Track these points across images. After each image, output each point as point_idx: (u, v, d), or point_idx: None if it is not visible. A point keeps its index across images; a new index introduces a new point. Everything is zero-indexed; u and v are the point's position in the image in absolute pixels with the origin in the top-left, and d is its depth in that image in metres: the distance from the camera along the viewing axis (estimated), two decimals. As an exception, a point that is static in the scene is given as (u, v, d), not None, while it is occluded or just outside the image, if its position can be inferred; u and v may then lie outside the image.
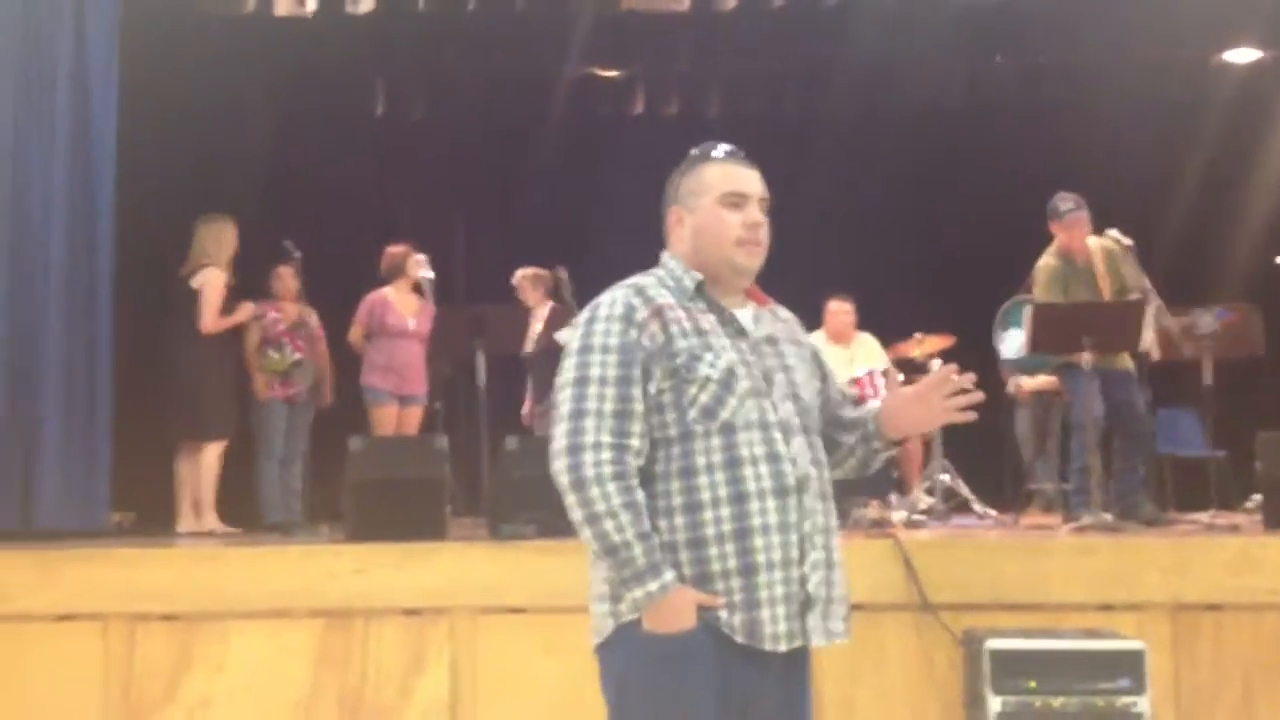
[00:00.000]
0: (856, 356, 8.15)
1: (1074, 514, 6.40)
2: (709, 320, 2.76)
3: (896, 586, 5.15)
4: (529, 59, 9.78)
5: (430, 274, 7.43)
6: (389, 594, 5.15)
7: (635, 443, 2.62)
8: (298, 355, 7.46)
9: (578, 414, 2.60)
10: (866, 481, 6.82)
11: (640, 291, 2.75)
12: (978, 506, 7.54)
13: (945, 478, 7.62)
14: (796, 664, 2.74)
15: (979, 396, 2.90)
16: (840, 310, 8.34)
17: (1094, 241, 6.79)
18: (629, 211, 9.96)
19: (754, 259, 2.84)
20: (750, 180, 2.89)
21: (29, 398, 6.59)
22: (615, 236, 9.78)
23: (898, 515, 6.78)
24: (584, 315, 2.72)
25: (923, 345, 8.05)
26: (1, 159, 6.66)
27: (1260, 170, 9.78)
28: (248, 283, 7.54)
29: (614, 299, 2.72)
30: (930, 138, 9.81)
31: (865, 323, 8.49)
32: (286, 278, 7.65)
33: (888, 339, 8.33)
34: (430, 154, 10.25)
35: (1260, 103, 9.56)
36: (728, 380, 2.67)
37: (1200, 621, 5.13)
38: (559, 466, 2.60)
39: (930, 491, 7.65)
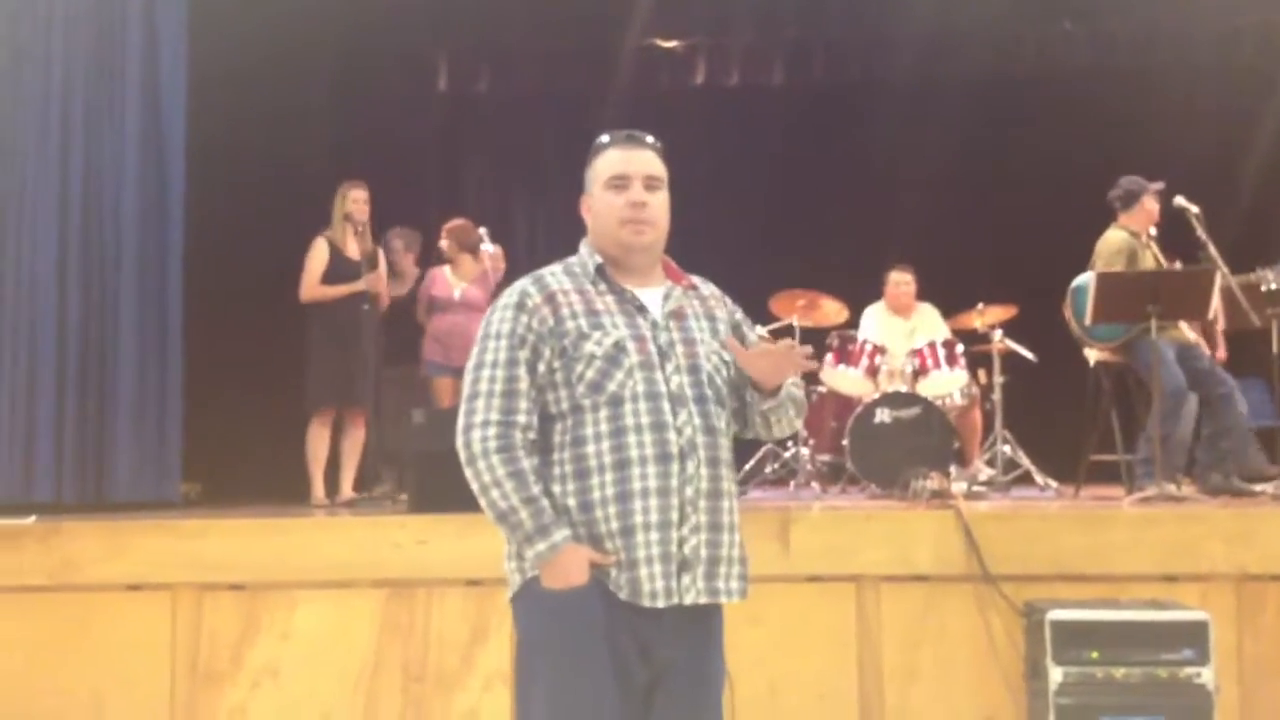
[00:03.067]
0: (918, 328, 8.11)
1: (1139, 485, 6.33)
2: (606, 300, 2.95)
3: (957, 558, 5.13)
4: (590, 30, 9.79)
5: (491, 247, 7.46)
6: (451, 564, 5.20)
7: (521, 419, 2.85)
8: None
9: (472, 396, 2.86)
10: (927, 453, 6.82)
11: (538, 280, 2.98)
12: (1039, 478, 7.48)
13: (1006, 448, 7.58)
14: (701, 618, 2.95)
15: (812, 366, 3.05)
16: (901, 281, 8.28)
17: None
18: (687, 182, 10.04)
19: (640, 236, 3.01)
20: (634, 161, 3.05)
21: (103, 374, 6.71)
22: (674, 207, 9.83)
23: (958, 487, 6.74)
24: (501, 300, 2.95)
25: (984, 315, 7.98)
26: (74, 136, 6.78)
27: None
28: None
29: (512, 289, 2.95)
30: (996, 105, 9.70)
31: (926, 292, 8.43)
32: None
33: (949, 309, 8.27)
34: (493, 126, 10.29)
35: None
36: (615, 355, 2.86)
37: (1265, 592, 5.08)
38: (457, 445, 2.85)
39: (991, 463, 7.61)
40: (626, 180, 3.02)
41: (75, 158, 6.77)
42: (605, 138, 3.11)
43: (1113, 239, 6.77)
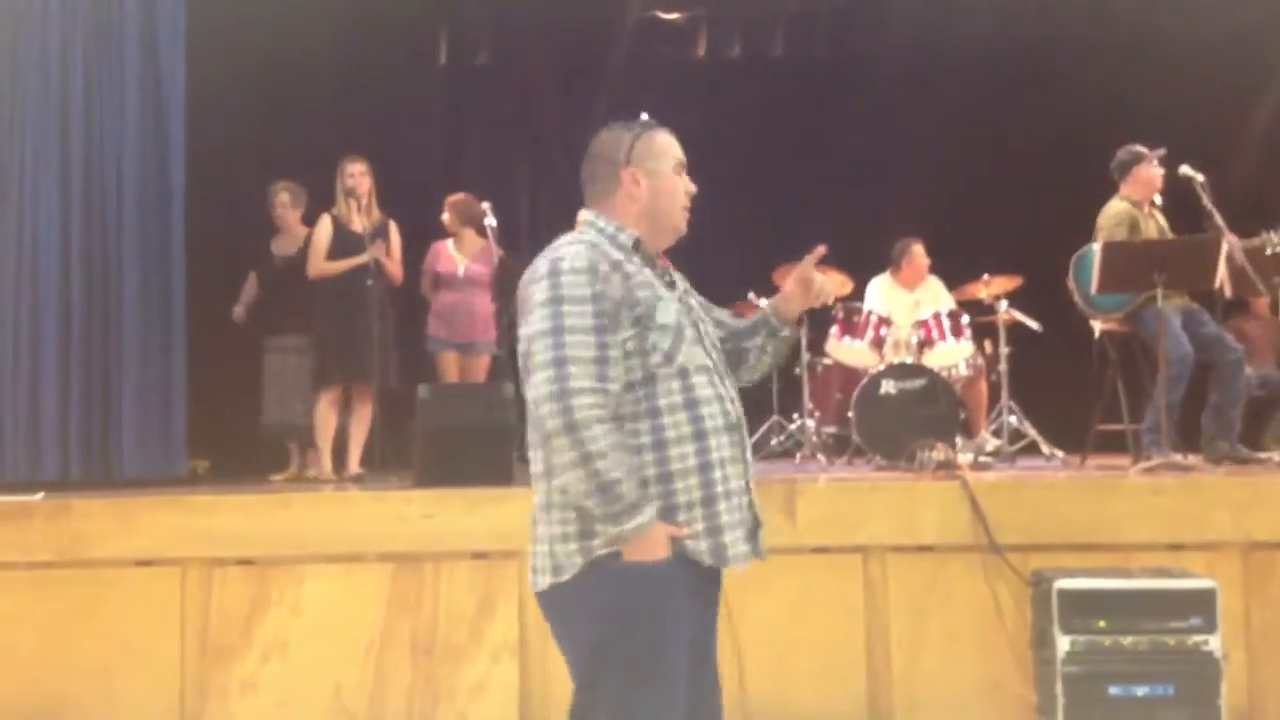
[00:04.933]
0: (923, 299, 8.09)
1: (1146, 450, 6.34)
2: (646, 274, 2.92)
3: (963, 528, 5.15)
4: (591, 3, 9.76)
5: (493, 221, 7.44)
6: (458, 538, 5.22)
7: (614, 387, 2.77)
8: None
9: (560, 361, 2.70)
10: (933, 424, 6.83)
11: (593, 248, 2.86)
12: (1045, 447, 7.49)
13: (1012, 419, 7.59)
14: (720, 584, 3.06)
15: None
16: (921, 252, 8.26)
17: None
18: (690, 155, 10.02)
19: (686, 223, 3.13)
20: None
21: (107, 350, 6.72)
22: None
23: (964, 457, 6.75)
24: (543, 268, 2.80)
25: (990, 286, 7.97)
26: (75, 113, 6.77)
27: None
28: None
29: (575, 253, 2.81)
30: (1000, 75, 9.67)
31: (932, 264, 8.42)
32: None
33: (955, 280, 8.26)
34: (494, 100, 10.26)
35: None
36: (680, 327, 2.87)
37: (1273, 560, 5.09)
38: (549, 410, 2.69)
39: (997, 433, 7.61)
40: (684, 167, 3.10)
41: (75, 131, 6.77)
42: (649, 118, 3.14)
43: (1113, 209, 6.77)
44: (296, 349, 7.49)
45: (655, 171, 3.03)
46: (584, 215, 3.02)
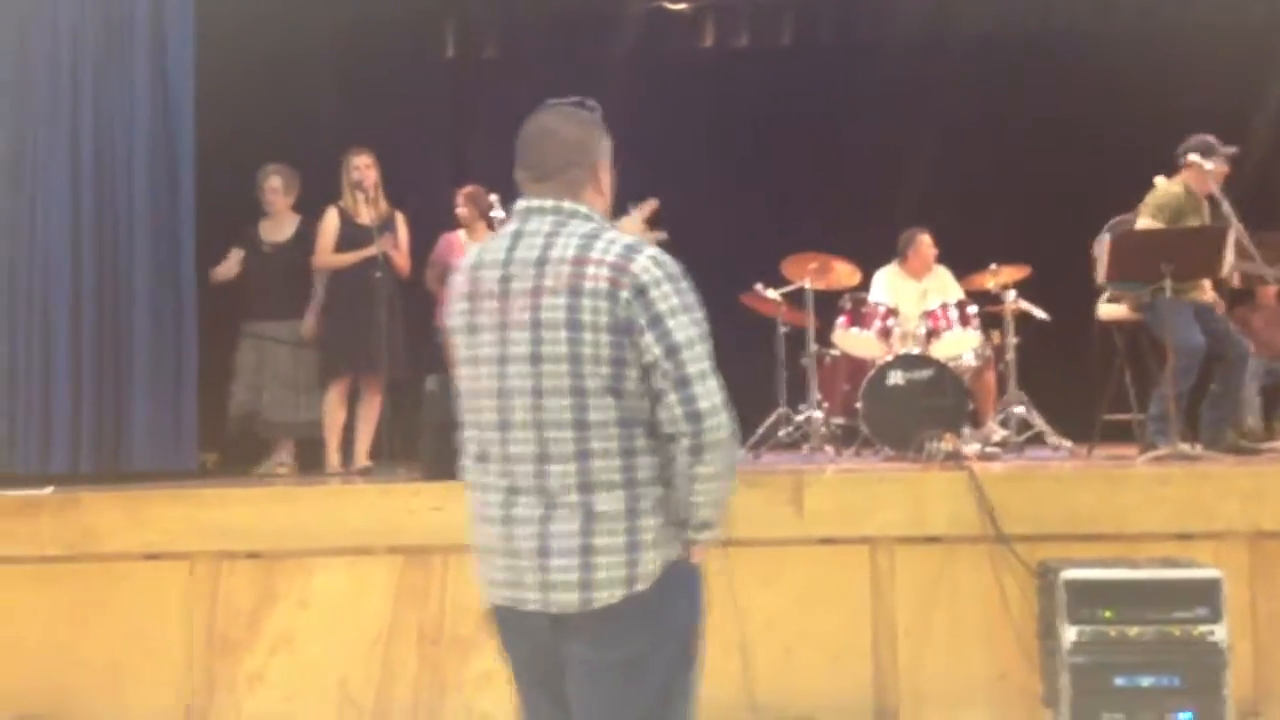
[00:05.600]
0: (930, 289, 8.08)
1: (1151, 440, 6.33)
2: None
3: (971, 519, 5.15)
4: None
5: (502, 214, 7.44)
6: (466, 530, 5.22)
7: None
8: None
9: (707, 374, 2.59)
10: (940, 415, 6.82)
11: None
12: (1052, 438, 7.48)
13: (1020, 409, 7.57)
14: None
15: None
16: (927, 242, 8.25)
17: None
18: (698, 145, 10.04)
19: None
20: None
21: (118, 341, 6.73)
22: (685, 170, 9.81)
23: (971, 448, 6.75)
24: (658, 271, 2.59)
25: (998, 276, 7.94)
26: (85, 108, 6.77)
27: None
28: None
29: (665, 258, 2.65)
30: (1007, 65, 9.65)
31: (939, 254, 8.41)
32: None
33: (962, 270, 8.24)
34: (501, 93, 10.25)
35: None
36: None
37: (1279, 550, 5.09)
38: (720, 422, 2.58)
39: (1004, 423, 7.60)
40: None
41: (85, 126, 6.74)
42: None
43: (1164, 191, 6.63)
44: (275, 337, 7.38)
45: (609, 167, 2.86)
46: (579, 208, 2.74)
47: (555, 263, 2.59)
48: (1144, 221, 6.58)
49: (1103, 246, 6.64)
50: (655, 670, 2.65)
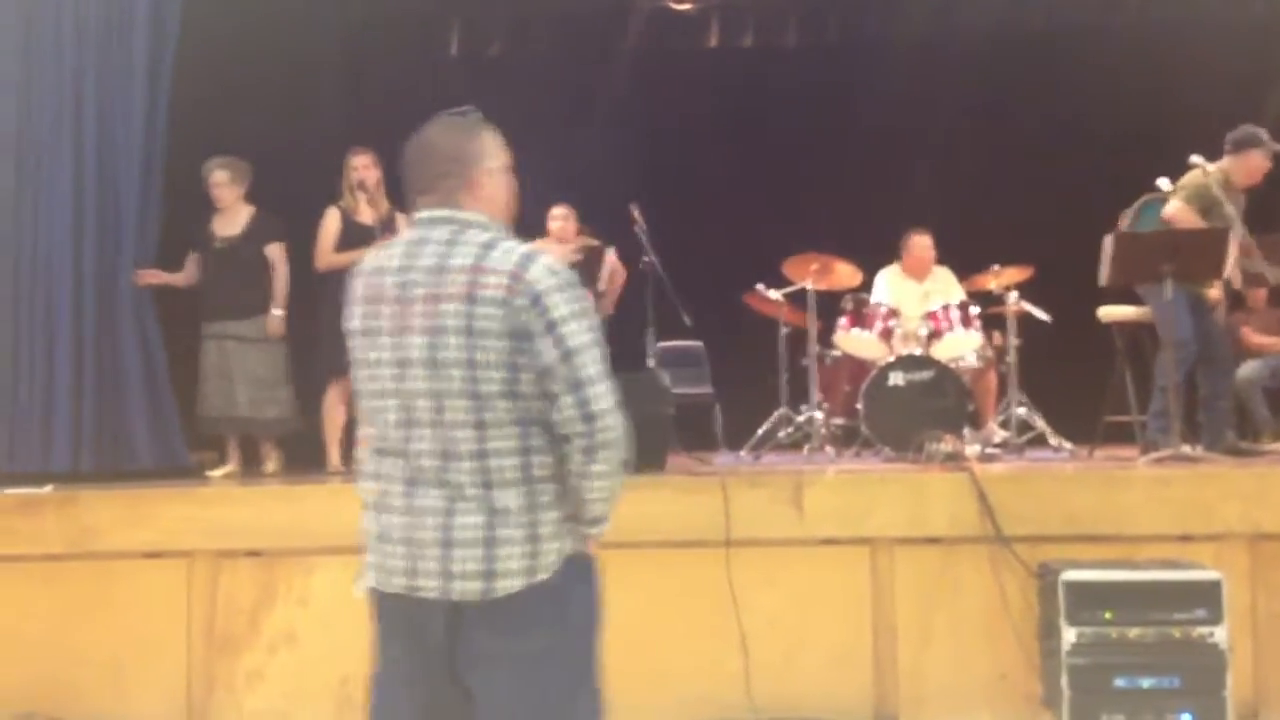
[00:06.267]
0: (932, 290, 8.08)
1: (1153, 440, 6.32)
2: None
3: (971, 520, 5.16)
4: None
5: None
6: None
7: None
8: None
9: (602, 377, 2.70)
10: (941, 416, 6.82)
11: None
12: (1053, 439, 7.48)
13: (1021, 410, 7.57)
14: None
15: None
16: (922, 243, 8.23)
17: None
18: (701, 145, 10.04)
19: None
20: None
21: (113, 341, 6.73)
22: (688, 169, 9.81)
23: (972, 449, 6.74)
24: (551, 279, 2.66)
25: (1000, 277, 7.94)
26: (87, 108, 6.79)
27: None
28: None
29: (561, 268, 2.72)
30: (1011, 65, 9.62)
31: (941, 254, 8.39)
32: (561, 219, 7.71)
33: (964, 271, 8.24)
34: (507, 92, 10.26)
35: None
36: None
37: (1280, 552, 5.09)
38: (612, 423, 2.71)
39: (1005, 425, 7.60)
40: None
41: (88, 128, 6.77)
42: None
43: (1203, 177, 6.49)
44: (237, 335, 7.07)
45: (500, 169, 2.93)
46: (474, 217, 2.79)
47: (453, 270, 2.67)
48: (1174, 204, 6.46)
49: (1140, 222, 6.60)
50: (559, 660, 2.73)
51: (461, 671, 2.71)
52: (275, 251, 7.15)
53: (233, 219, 7.20)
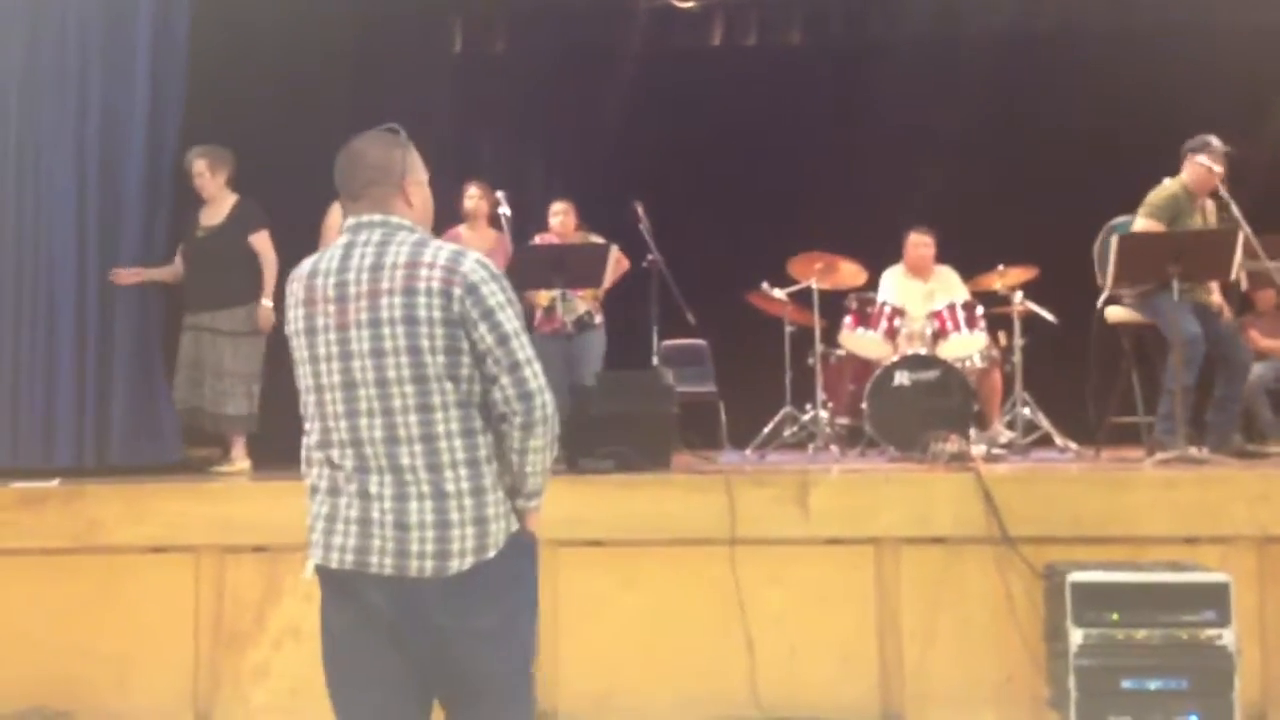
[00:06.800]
0: (936, 290, 8.06)
1: (1159, 440, 6.32)
2: None
3: (976, 520, 5.15)
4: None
5: (508, 210, 7.43)
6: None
7: None
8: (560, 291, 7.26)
9: (530, 360, 2.91)
10: (946, 416, 6.82)
11: None
12: (1059, 440, 7.47)
13: (1026, 411, 7.56)
14: None
15: None
16: (920, 242, 8.23)
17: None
18: (706, 143, 10.04)
19: None
20: None
21: (104, 335, 6.73)
22: (691, 168, 9.81)
23: (977, 449, 6.73)
24: (483, 272, 2.89)
25: (1005, 277, 7.93)
26: (92, 104, 6.78)
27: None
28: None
29: (488, 261, 2.96)
30: (1016, 65, 9.62)
31: (946, 254, 8.39)
32: (561, 214, 7.71)
33: (970, 271, 8.23)
34: (509, 89, 10.25)
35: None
36: None
37: (1288, 554, 5.09)
38: (545, 400, 2.91)
39: (1010, 425, 7.59)
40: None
41: (91, 127, 6.76)
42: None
43: (1165, 190, 6.65)
44: (211, 328, 6.81)
45: (423, 182, 3.16)
46: (403, 221, 3.02)
47: (390, 268, 2.88)
48: (1141, 222, 6.57)
49: (1106, 249, 6.63)
50: (504, 633, 2.94)
51: (410, 643, 2.89)
52: (260, 240, 6.90)
53: (217, 209, 6.99)
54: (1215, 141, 6.65)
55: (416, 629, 2.87)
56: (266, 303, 6.83)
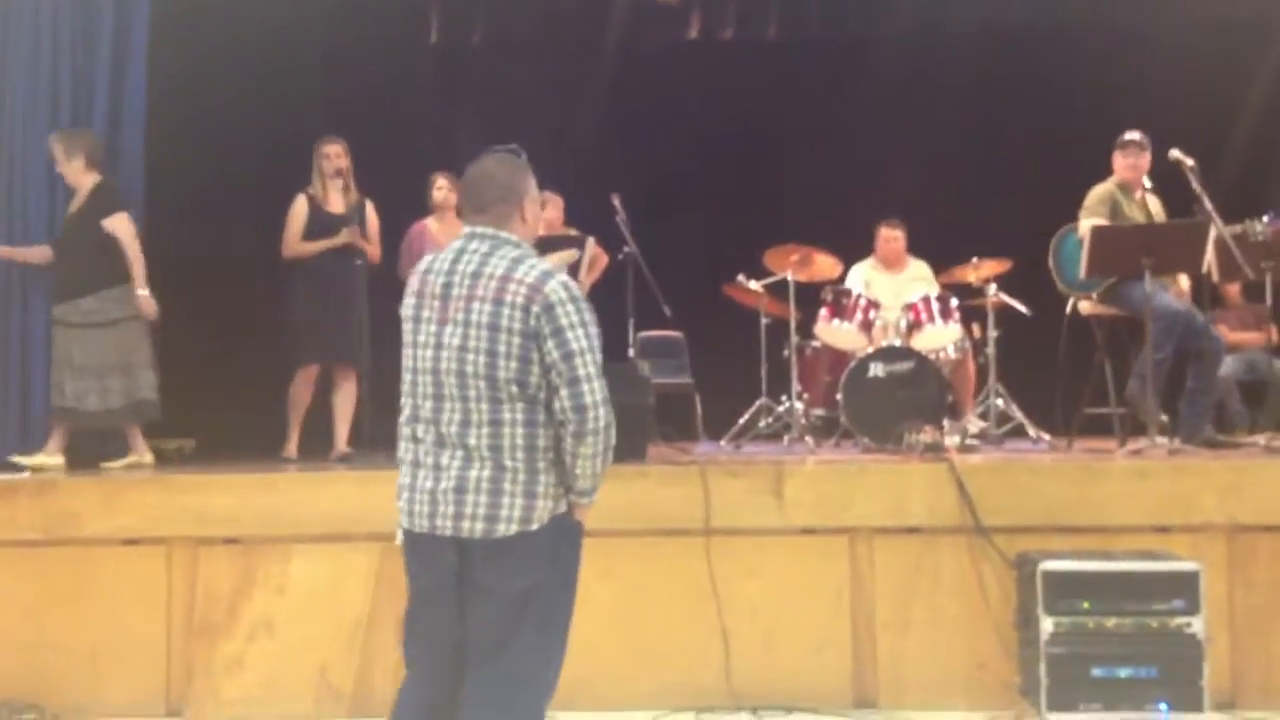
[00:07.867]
0: (907, 284, 8.09)
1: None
2: None
3: (950, 510, 5.19)
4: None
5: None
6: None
7: None
8: None
9: (596, 375, 3.27)
10: (920, 407, 6.84)
11: None
12: (1031, 430, 7.51)
13: (999, 402, 7.60)
14: None
15: None
16: (890, 236, 8.27)
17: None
18: (681, 136, 10.04)
19: None
20: None
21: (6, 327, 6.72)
22: (668, 160, 9.80)
23: (951, 440, 6.76)
24: (563, 294, 3.24)
25: (979, 269, 7.96)
26: (63, 92, 6.78)
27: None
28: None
29: (574, 284, 3.32)
30: (991, 59, 9.64)
31: (922, 246, 8.41)
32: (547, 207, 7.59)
33: (944, 263, 8.26)
34: (486, 80, 10.22)
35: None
36: None
37: (1256, 543, 5.14)
38: (599, 415, 3.27)
39: (984, 416, 7.62)
40: None
41: (63, 108, 6.75)
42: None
43: (1096, 191, 6.83)
44: (63, 320, 6.43)
45: (538, 202, 3.55)
46: (509, 237, 3.37)
47: (487, 277, 3.27)
48: (1088, 222, 6.63)
49: (1061, 255, 6.74)
50: (541, 601, 3.28)
51: (465, 601, 3.29)
52: (116, 224, 6.44)
53: (78, 194, 6.58)
54: (1131, 135, 6.84)
55: (467, 587, 3.27)
56: (141, 292, 6.45)
